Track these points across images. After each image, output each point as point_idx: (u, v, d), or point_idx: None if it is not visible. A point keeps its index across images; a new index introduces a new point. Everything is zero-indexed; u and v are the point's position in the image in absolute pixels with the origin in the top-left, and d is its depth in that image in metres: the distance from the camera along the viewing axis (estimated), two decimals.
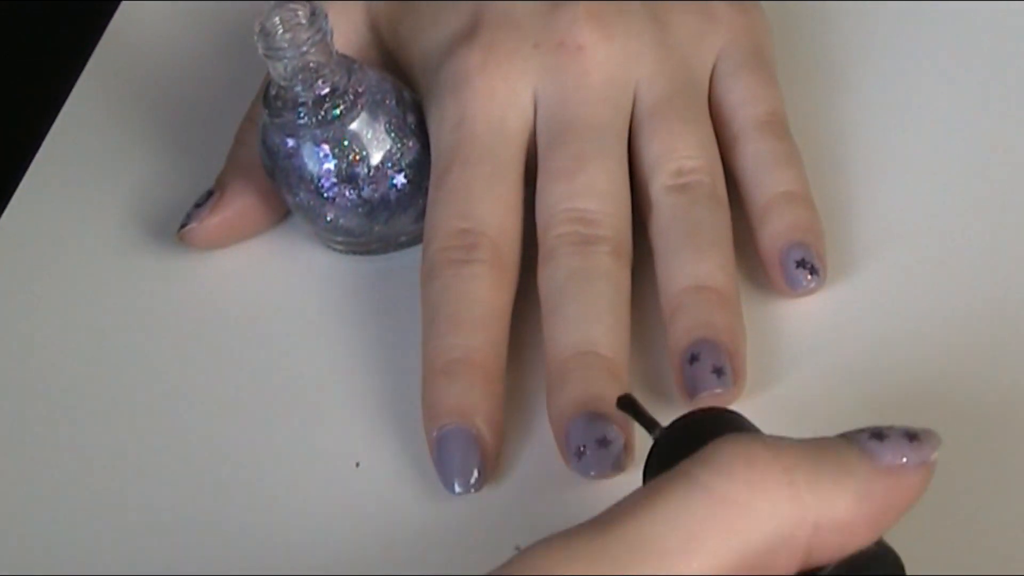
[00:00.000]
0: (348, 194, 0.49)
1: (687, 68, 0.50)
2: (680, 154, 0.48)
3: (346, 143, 0.49)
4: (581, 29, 0.49)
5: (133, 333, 0.52)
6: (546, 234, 0.47)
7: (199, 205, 0.52)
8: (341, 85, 0.48)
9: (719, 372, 0.44)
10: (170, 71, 0.60)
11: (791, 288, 0.47)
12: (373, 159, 0.49)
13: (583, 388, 0.44)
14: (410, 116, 0.50)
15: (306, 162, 0.49)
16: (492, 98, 0.49)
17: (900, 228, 0.49)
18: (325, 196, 0.49)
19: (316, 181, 0.49)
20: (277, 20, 0.47)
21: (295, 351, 0.50)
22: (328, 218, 0.50)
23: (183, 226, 0.52)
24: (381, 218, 0.50)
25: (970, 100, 0.52)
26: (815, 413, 0.45)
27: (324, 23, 0.47)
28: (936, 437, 0.34)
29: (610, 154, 0.48)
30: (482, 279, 0.47)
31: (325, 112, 0.48)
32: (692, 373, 0.44)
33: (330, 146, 0.48)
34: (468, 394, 0.45)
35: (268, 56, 0.47)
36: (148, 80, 0.60)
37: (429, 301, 0.47)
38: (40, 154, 0.58)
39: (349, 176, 0.49)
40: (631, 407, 0.42)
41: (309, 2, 0.47)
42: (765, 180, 0.48)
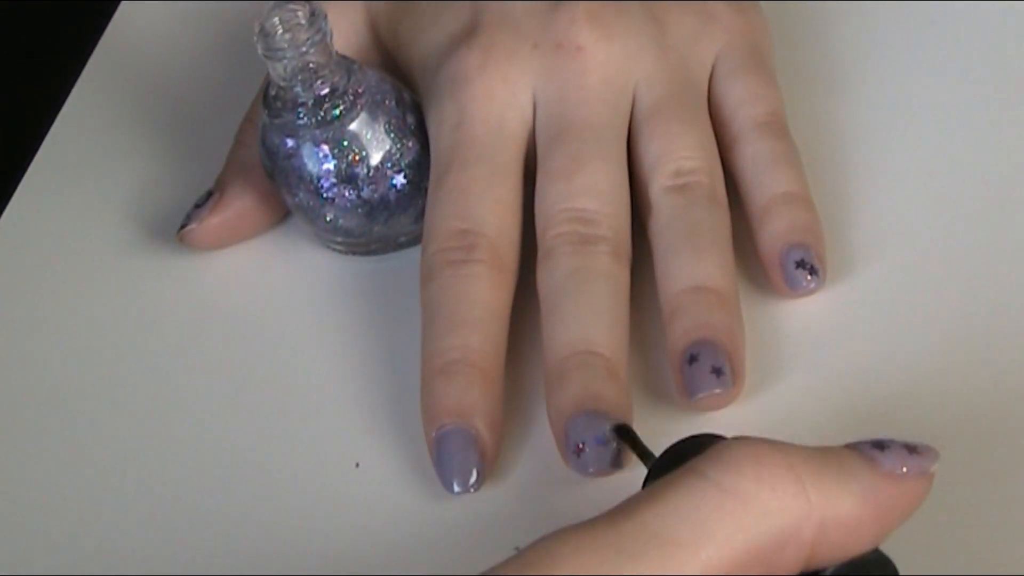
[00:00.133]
0: (348, 194, 0.49)
1: (686, 69, 0.50)
2: (679, 155, 0.48)
3: (346, 143, 0.49)
4: (580, 30, 0.49)
5: (133, 333, 0.52)
6: (545, 234, 0.47)
7: (199, 206, 0.52)
8: (341, 86, 0.48)
9: (718, 373, 0.44)
10: (170, 71, 0.60)
11: (791, 289, 0.47)
12: (373, 159, 0.49)
13: (582, 387, 0.44)
14: (410, 117, 0.50)
15: (306, 162, 0.49)
16: (491, 99, 0.49)
17: (900, 228, 0.49)
18: (325, 196, 0.49)
19: (316, 181, 0.49)
20: (277, 20, 0.47)
21: (295, 351, 0.50)
22: (328, 218, 0.50)
23: (183, 227, 0.52)
24: (381, 218, 0.50)
25: (970, 100, 0.52)
26: (814, 413, 0.45)
27: (324, 24, 0.47)
28: (934, 452, 0.35)
29: (609, 154, 0.48)
30: (481, 279, 0.47)
31: (325, 112, 0.48)
32: (691, 374, 0.44)
33: (330, 146, 0.49)
34: (467, 394, 0.45)
35: (268, 56, 0.47)
36: (148, 80, 0.60)
37: (428, 301, 0.47)
38: (40, 154, 0.58)
39: (349, 176, 0.49)
40: (627, 436, 0.42)
41: (309, 2, 0.47)
42: (765, 180, 0.48)
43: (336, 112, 0.48)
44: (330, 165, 0.49)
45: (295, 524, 0.45)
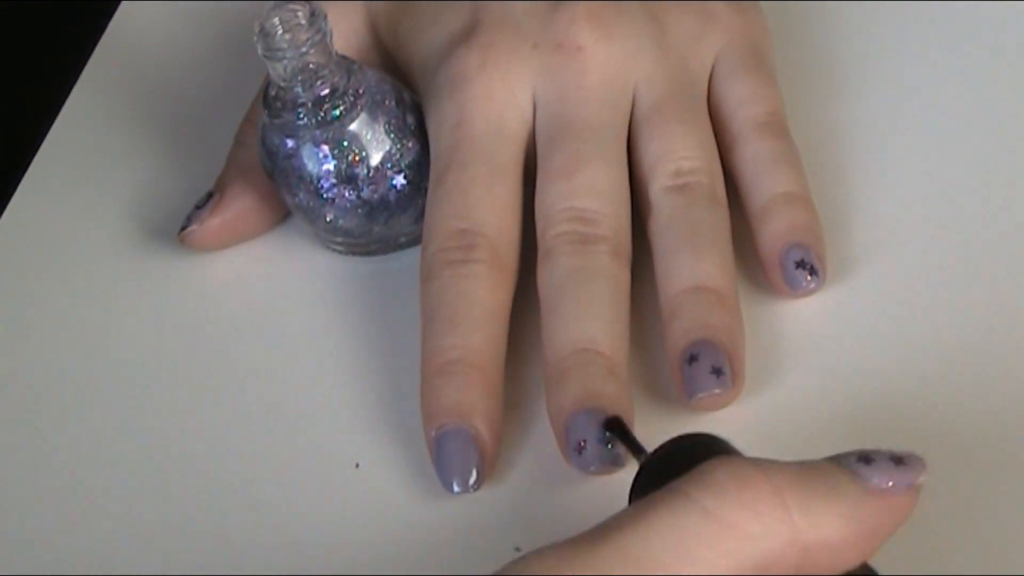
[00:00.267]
0: (348, 195, 0.49)
1: (686, 69, 0.50)
2: (679, 155, 0.48)
3: (346, 144, 0.49)
4: (580, 30, 0.49)
5: (133, 334, 0.52)
6: (545, 233, 0.47)
7: (199, 207, 0.52)
8: (341, 86, 0.48)
9: (718, 372, 0.44)
10: (170, 71, 0.60)
11: (791, 289, 0.47)
12: (373, 160, 0.49)
13: (582, 385, 0.44)
14: (410, 117, 0.50)
15: (306, 163, 0.49)
16: (491, 99, 0.49)
17: (900, 228, 0.49)
18: (325, 197, 0.49)
19: (316, 182, 0.49)
20: (277, 21, 0.47)
21: (295, 352, 0.50)
22: (328, 219, 0.50)
23: (183, 228, 0.52)
24: (380, 219, 0.50)
25: (970, 100, 0.52)
26: (814, 414, 0.45)
27: (324, 24, 0.47)
28: (921, 463, 0.35)
29: (609, 154, 0.48)
30: (481, 279, 0.47)
31: (325, 113, 0.48)
32: (691, 373, 0.44)
33: (330, 147, 0.49)
34: (466, 394, 0.45)
35: (268, 57, 0.47)
36: (148, 80, 0.60)
37: (428, 301, 0.47)
38: (40, 154, 0.58)
39: (349, 177, 0.49)
40: (619, 430, 0.42)
41: (309, 3, 0.47)
42: (764, 181, 0.48)
43: (336, 112, 0.48)
44: (330, 165, 0.49)
45: (295, 524, 0.45)
